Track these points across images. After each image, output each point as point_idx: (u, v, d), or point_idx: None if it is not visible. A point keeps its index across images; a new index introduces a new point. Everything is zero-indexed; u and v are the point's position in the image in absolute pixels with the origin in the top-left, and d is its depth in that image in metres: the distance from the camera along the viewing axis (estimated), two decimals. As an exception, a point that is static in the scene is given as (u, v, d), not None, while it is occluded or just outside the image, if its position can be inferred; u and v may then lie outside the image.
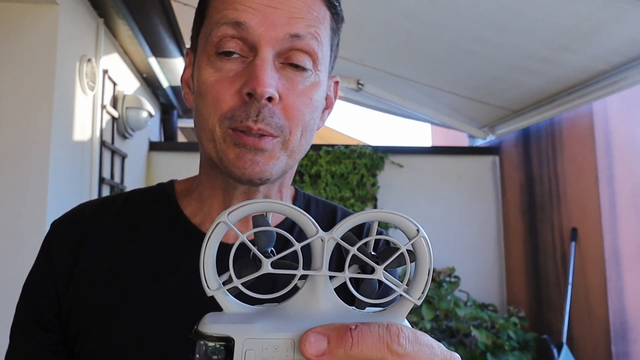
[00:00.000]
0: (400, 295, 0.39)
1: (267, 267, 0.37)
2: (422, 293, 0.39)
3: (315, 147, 3.66)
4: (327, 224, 0.70)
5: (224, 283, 0.38)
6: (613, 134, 2.83)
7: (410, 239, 0.38)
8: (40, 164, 1.91)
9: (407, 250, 0.38)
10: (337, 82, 0.69)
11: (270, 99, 0.54)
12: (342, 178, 3.59)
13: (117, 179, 2.79)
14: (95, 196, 2.43)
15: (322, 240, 0.37)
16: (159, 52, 2.90)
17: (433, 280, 3.16)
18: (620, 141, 2.82)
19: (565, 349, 2.75)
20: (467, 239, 3.75)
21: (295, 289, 0.39)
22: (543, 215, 3.27)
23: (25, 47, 1.94)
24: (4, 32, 1.93)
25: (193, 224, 0.64)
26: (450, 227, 3.75)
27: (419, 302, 0.39)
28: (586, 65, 2.53)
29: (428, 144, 5.99)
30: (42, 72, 1.95)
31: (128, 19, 2.44)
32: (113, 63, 2.71)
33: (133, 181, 3.12)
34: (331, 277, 0.38)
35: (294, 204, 0.70)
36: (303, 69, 0.57)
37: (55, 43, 1.96)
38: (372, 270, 0.38)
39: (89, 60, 2.27)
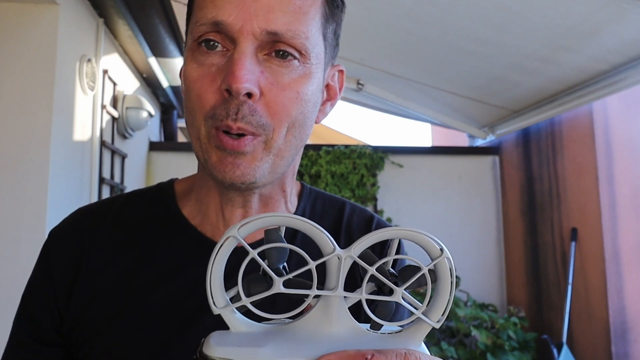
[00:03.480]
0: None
1: (279, 287, 0.34)
2: (442, 315, 0.37)
3: (315, 147, 3.66)
4: (335, 221, 0.68)
5: (232, 299, 0.36)
6: (613, 134, 2.83)
7: (432, 259, 0.36)
8: (40, 164, 1.91)
9: (429, 269, 0.36)
10: (341, 71, 0.65)
11: (249, 95, 0.51)
12: (342, 178, 3.59)
13: (117, 179, 2.79)
14: (95, 196, 2.43)
15: (338, 258, 0.35)
16: (159, 52, 2.90)
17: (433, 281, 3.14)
18: (620, 141, 2.82)
19: (565, 349, 2.75)
20: (467, 239, 3.75)
21: (307, 305, 0.36)
22: (543, 215, 3.27)
23: (25, 47, 1.94)
24: (4, 32, 1.92)
25: (192, 226, 0.62)
26: (450, 227, 3.75)
27: (437, 325, 0.37)
28: (586, 65, 2.53)
29: (428, 144, 5.99)
30: (42, 72, 1.95)
31: (128, 19, 2.44)
32: (113, 63, 2.71)
33: (133, 181, 3.12)
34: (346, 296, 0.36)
35: (299, 199, 0.68)
36: (289, 60, 0.53)
37: (55, 43, 1.96)
38: (390, 291, 0.36)
39: (89, 60, 2.27)
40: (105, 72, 2.56)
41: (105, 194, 2.58)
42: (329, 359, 0.32)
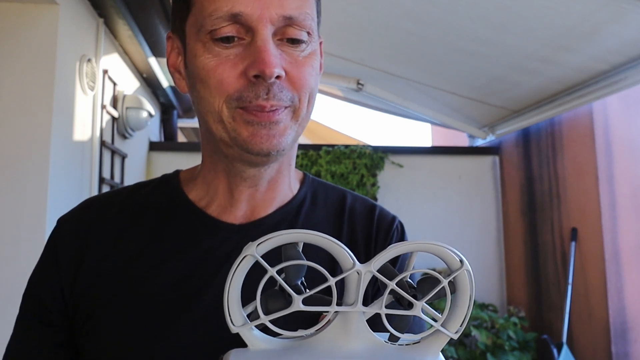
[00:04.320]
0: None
1: (298, 305, 0.34)
2: (460, 326, 0.37)
3: (315, 147, 3.66)
4: (338, 209, 0.70)
5: (249, 315, 0.36)
6: (613, 134, 2.83)
7: (452, 271, 0.37)
8: (40, 164, 1.91)
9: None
10: (320, 42, 0.69)
11: (277, 77, 0.55)
12: (342, 178, 3.59)
13: (117, 179, 2.79)
14: (95, 196, 2.43)
15: (358, 273, 0.35)
16: (159, 52, 2.90)
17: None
18: (620, 141, 2.82)
19: (565, 349, 2.75)
20: (467, 239, 3.75)
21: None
22: (543, 215, 3.27)
23: (25, 47, 1.94)
24: (4, 32, 1.92)
25: (198, 208, 0.64)
26: (450, 227, 3.74)
27: (456, 337, 0.37)
28: (586, 65, 2.53)
29: (428, 144, 5.99)
30: (42, 72, 1.95)
31: (128, 19, 2.44)
32: (113, 63, 2.71)
33: (133, 181, 3.10)
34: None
35: (301, 188, 0.69)
36: (299, 42, 0.58)
37: (55, 43, 1.96)
38: (409, 304, 0.36)
39: (89, 60, 2.27)
40: (105, 72, 2.56)
41: (105, 194, 2.58)
42: None
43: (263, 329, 0.36)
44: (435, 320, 0.37)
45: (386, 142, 6.08)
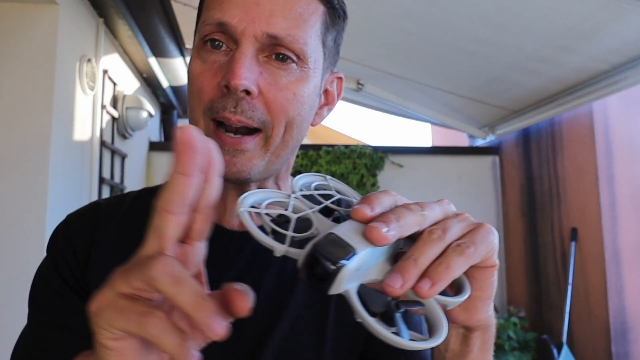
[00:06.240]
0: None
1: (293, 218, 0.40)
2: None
3: (315, 147, 3.66)
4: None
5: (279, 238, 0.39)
6: (613, 134, 2.83)
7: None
8: (40, 164, 1.91)
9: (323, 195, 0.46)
10: (340, 78, 0.68)
11: (247, 92, 0.54)
12: (342, 178, 3.59)
13: (117, 179, 2.79)
14: (95, 196, 2.43)
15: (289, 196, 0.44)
16: (159, 52, 2.90)
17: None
18: (620, 141, 2.82)
19: (565, 349, 2.75)
20: (467, 239, 3.74)
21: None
22: (543, 215, 3.27)
23: (25, 47, 1.94)
24: (4, 32, 1.92)
25: None
26: (450, 227, 3.74)
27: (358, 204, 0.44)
28: (586, 65, 2.53)
29: (428, 144, 5.98)
30: (42, 72, 1.95)
31: (128, 19, 2.44)
32: (113, 63, 2.71)
33: (133, 181, 3.12)
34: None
35: None
36: (288, 63, 0.56)
37: (55, 43, 1.96)
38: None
39: (89, 60, 2.27)
40: (105, 72, 2.56)
41: (105, 194, 2.58)
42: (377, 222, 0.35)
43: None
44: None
45: (386, 142, 6.08)
